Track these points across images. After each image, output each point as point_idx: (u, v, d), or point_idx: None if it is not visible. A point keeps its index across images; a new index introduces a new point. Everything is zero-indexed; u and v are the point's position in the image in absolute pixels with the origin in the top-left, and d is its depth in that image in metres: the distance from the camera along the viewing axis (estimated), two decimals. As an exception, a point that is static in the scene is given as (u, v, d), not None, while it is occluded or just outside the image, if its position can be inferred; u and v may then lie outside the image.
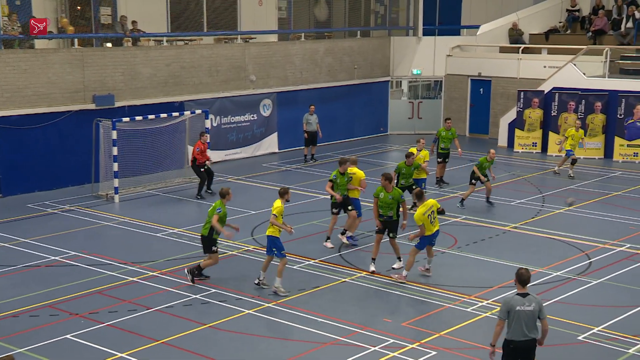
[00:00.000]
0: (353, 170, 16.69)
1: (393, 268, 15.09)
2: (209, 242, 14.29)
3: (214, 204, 14.30)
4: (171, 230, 17.95)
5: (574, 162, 23.11)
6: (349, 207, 16.47)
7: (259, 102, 26.83)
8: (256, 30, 28.22)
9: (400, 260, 15.13)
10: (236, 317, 12.93)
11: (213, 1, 26.69)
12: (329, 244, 16.56)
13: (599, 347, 11.84)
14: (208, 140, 21.67)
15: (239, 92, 26.20)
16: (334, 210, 16.62)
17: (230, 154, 26.05)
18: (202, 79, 25.12)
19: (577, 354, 11.72)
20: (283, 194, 14.04)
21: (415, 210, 14.66)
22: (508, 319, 9.56)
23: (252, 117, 26.70)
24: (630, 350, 11.70)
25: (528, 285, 9.69)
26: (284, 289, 13.81)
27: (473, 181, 19.64)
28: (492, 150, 19.92)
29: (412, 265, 14.44)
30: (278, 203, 13.91)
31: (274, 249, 13.92)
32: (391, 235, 15.01)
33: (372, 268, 15.05)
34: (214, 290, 14.09)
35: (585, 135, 25.61)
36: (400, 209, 15.11)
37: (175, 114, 22.49)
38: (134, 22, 23.78)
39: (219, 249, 14.61)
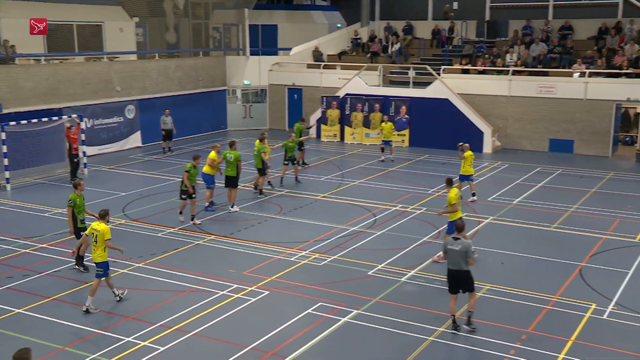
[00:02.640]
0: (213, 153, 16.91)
1: (232, 210, 16.19)
2: (77, 230, 12.54)
3: (69, 196, 12.54)
4: (56, 211, 16.87)
5: (382, 149, 23.44)
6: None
7: (124, 107, 25.62)
8: (119, 51, 26.94)
9: (233, 206, 16.60)
10: (114, 276, 12.47)
11: (83, 28, 25.10)
12: (181, 217, 15.94)
13: (382, 278, 12.53)
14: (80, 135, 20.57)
15: (107, 100, 24.87)
16: (183, 197, 15.72)
17: (102, 149, 24.74)
18: (76, 90, 23.57)
19: (368, 284, 12.28)
20: (104, 215, 11.07)
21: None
22: (447, 254, 10.15)
23: (119, 119, 25.49)
24: (402, 279, 12.55)
25: (462, 231, 10.33)
26: (94, 305, 11.03)
27: (285, 162, 19.72)
28: (292, 135, 19.99)
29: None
30: (104, 226, 10.91)
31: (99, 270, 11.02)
32: (230, 187, 16.70)
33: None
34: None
35: (369, 128, 26.98)
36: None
37: (54, 118, 20.97)
38: (12, 46, 21.93)
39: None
